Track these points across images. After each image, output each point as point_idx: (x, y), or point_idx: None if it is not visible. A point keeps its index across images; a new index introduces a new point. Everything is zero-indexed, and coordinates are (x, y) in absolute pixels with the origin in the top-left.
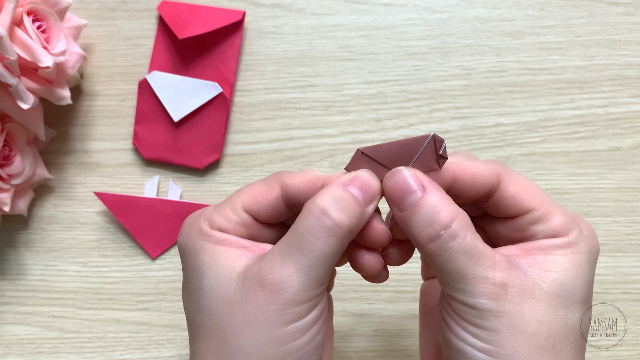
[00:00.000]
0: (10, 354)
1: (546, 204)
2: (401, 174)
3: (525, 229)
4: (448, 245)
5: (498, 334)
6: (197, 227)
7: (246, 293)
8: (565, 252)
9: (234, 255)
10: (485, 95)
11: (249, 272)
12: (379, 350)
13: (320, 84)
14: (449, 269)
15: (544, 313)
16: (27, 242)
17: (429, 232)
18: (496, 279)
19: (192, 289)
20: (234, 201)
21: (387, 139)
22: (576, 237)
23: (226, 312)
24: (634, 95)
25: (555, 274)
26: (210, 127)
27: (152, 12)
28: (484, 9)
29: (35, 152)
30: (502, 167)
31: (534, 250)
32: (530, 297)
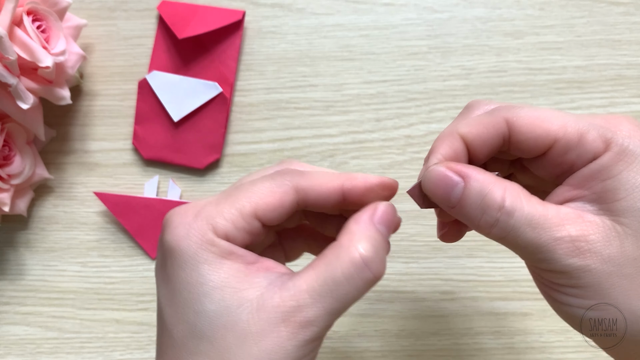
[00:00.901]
0: (10, 354)
1: (571, 125)
2: (437, 171)
3: (561, 162)
4: (510, 224)
5: (598, 286)
6: (198, 231)
7: (265, 326)
8: (620, 168)
9: (242, 273)
10: (486, 95)
11: (267, 303)
12: (379, 350)
13: (320, 84)
14: (522, 245)
15: (634, 248)
16: (26, 242)
17: (486, 219)
18: (571, 235)
19: (185, 306)
20: (243, 204)
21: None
22: (620, 144)
23: (235, 344)
24: (634, 95)
25: (623, 201)
26: (210, 127)
27: (152, 12)
28: (484, 8)
29: (35, 152)
30: (509, 110)
31: (588, 182)
32: (613, 238)
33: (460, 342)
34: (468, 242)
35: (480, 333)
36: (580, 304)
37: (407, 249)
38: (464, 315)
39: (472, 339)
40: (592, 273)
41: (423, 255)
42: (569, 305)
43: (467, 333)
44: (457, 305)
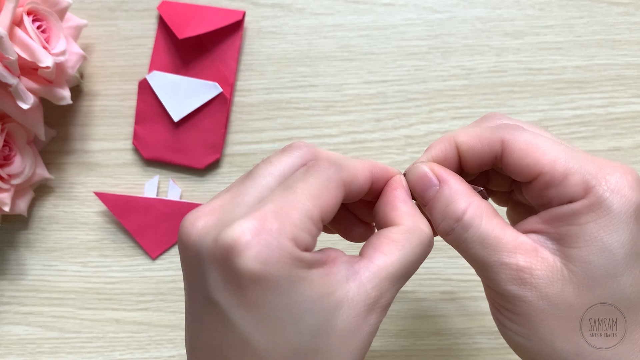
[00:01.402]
0: (11, 354)
1: (560, 163)
2: (420, 170)
3: (541, 194)
4: (463, 237)
5: (530, 317)
6: (283, 250)
7: (358, 321)
8: (589, 219)
9: (326, 278)
10: (486, 95)
11: (355, 299)
12: (379, 350)
13: (320, 84)
14: (471, 258)
15: (575, 296)
16: (27, 242)
17: (444, 225)
18: (518, 264)
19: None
20: (310, 209)
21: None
22: (598, 196)
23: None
24: (634, 95)
25: (579, 249)
26: (210, 127)
27: (152, 12)
28: (484, 9)
29: (35, 152)
30: (510, 132)
31: (556, 221)
32: (557, 279)
33: (460, 341)
34: None
35: (480, 333)
36: (515, 329)
37: None
38: (463, 315)
39: (472, 339)
40: (527, 304)
41: None
42: (505, 327)
43: (466, 333)
44: (457, 305)
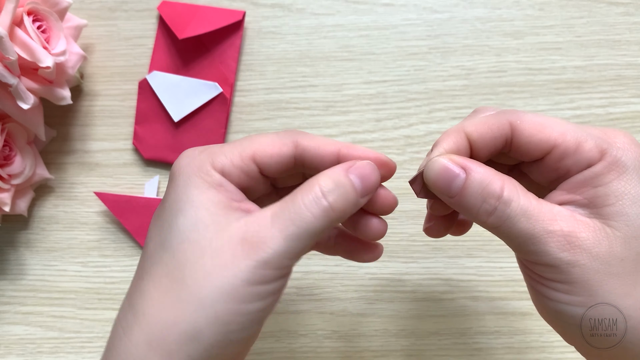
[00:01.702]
0: (11, 353)
1: (570, 134)
2: (439, 163)
3: (558, 167)
4: (506, 213)
5: (585, 283)
6: (198, 161)
7: (224, 244)
8: (611, 177)
9: (223, 204)
10: (485, 95)
11: (232, 226)
12: (378, 350)
13: (320, 84)
14: (515, 235)
15: (624, 249)
16: (27, 242)
17: (486, 207)
18: (563, 230)
19: (163, 222)
20: (244, 148)
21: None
22: (614, 155)
23: (193, 257)
24: (634, 95)
25: (612, 206)
26: (210, 127)
27: (152, 12)
28: (484, 9)
29: (36, 152)
30: (513, 114)
31: (581, 188)
32: (602, 238)
33: (459, 341)
34: (468, 242)
35: (480, 333)
36: (568, 300)
37: (406, 249)
38: (463, 315)
39: (472, 339)
40: (581, 269)
41: (423, 255)
42: (556, 302)
43: (466, 333)
44: (457, 305)
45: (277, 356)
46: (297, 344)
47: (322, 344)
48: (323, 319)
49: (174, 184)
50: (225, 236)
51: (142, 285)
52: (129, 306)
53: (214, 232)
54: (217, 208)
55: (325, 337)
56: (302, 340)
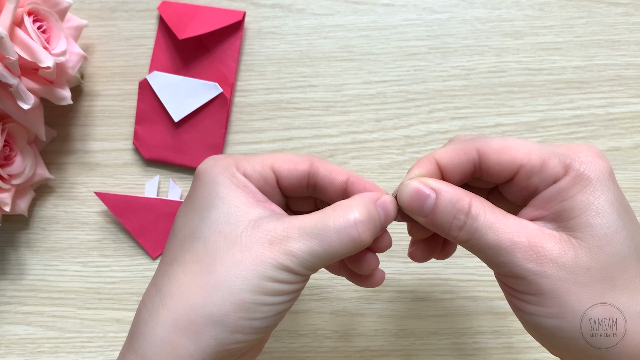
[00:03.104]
0: (11, 353)
1: (535, 153)
2: (411, 186)
3: (526, 185)
4: (474, 227)
5: (554, 293)
6: (223, 164)
7: (253, 241)
8: (575, 191)
9: (251, 202)
10: (485, 96)
11: (262, 225)
12: (379, 350)
13: (320, 84)
14: (485, 247)
15: (588, 259)
16: (27, 242)
17: (456, 223)
18: (529, 241)
19: (195, 214)
20: (265, 157)
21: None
22: (577, 170)
23: (224, 247)
24: (634, 95)
25: (577, 219)
26: (210, 127)
27: (152, 12)
28: (484, 9)
29: (36, 152)
30: (480, 140)
31: (548, 203)
32: (568, 249)
33: (459, 341)
34: None
35: (480, 332)
36: (540, 312)
37: (406, 249)
38: (463, 314)
39: (472, 339)
40: (548, 279)
41: None
42: (530, 314)
43: (466, 332)
44: (457, 304)
45: (277, 356)
46: (297, 344)
47: (322, 344)
48: (323, 319)
49: (201, 182)
50: (255, 234)
51: (171, 270)
52: (155, 290)
53: (244, 227)
54: (247, 206)
55: (325, 337)
56: (302, 340)
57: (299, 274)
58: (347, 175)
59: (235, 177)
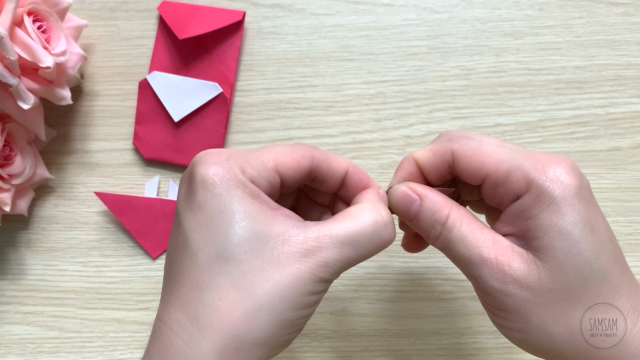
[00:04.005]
0: (11, 353)
1: (504, 163)
2: (400, 190)
3: (493, 194)
4: (448, 238)
5: (518, 311)
6: (230, 170)
7: (288, 258)
8: (540, 210)
9: (269, 213)
10: (485, 96)
11: (292, 238)
12: (379, 350)
13: (320, 84)
14: (457, 258)
15: (551, 281)
16: (27, 242)
17: (433, 232)
18: (497, 259)
19: (216, 231)
20: (267, 158)
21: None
22: (541, 186)
23: (259, 268)
24: (634, 95)
25: (540, 239)
26: (210, 127)
27: (152, 12)
28: (484, 9)
29: (36, 152)
30: (458, 141)
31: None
32: (533, 270)
33: (459, 341)
34: None
35: (480, 332)
36: (510, 325)
37: None
38: (463, 314)
39: (472, 338)
40: (512, 298)
41: (423, 255)
42: (502, 327)
43: (466, 332)
44: (457, 304)
45: (277, 356)
46: (297, 344)
47: (322, 343)
48: (323, 319)
49: (212, 193)
50: (287, 249)
51: (204, 297)
52: (189, 320)
53: (274, 243)
54: (267, 218)
55: (325, 337)
56: (302, 340)
57: (330, 282)
58: (346, 167)
59: (247, 187)
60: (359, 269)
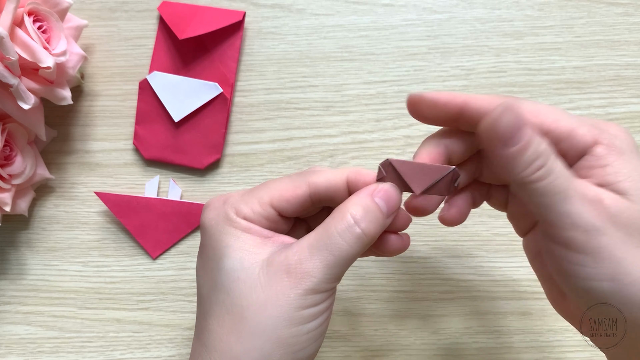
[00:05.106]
0: (11, 353)
1: (563, 121)
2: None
3: None
4: (552, 169)
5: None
6: (223, 212)
7: (271, 277)
8: (613, 158)
9: (258, 243)
10: None
11: (275, 259)
12: (379, 350)
13: (320, 84)
14: (554, 191)
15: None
16: (28, 242)
17: (540, 162)
18: (595, 195)
19: (211, 267)
20: (262, 195)
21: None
22: (607, 139)
23: (247, 292)
24: (633, 95)
25: (626, 182)
26: (210, 127)
27: (152, 12)
28: (484, 9)
29: (36, 152)
30: (512, 99)
31: (590, 169)
32: (625, 208)
33: (459, 341)
34: (468, 242)
35: (480, 332)
36: (594, 274)
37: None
38: (463, 314)
39: (472, 338)
40: (608, 237)
41: (423, 255)
42: (581, 279)
43: (466, 332)
44: (457, 304)
45: None
46: None
47: (322, 342)
48: None
49: (208, 234)
50: (270, 270)
51: (208, 325)
52: (202, 347)
53: (260, 267)
54: (256, 247)
55: (325, 337)
56: None
57: (325, 290)
58: (344, 177)
59: (238, 224)
60: (359, 269)
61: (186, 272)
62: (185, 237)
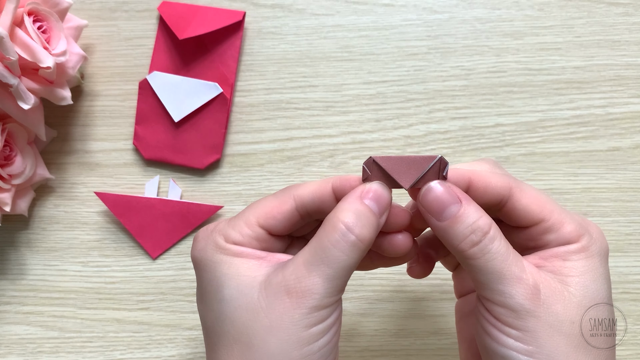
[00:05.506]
0: (11, 353)
1: (556, 213)
2: (439, 189)
3: (538, 238)
4: (488, 248)
5: (537, 334)
6: (212, 241)
7: (272, 300)
8: (580, 257)
9: (253, 265)
10: (485, 96)
11: (272, 280)
12: (379, 350)
13: (320, 84)
14: (489, 270)
15: (575, 313)
16: (27, 242)
17: (472, 238)
18: (530, 280)
19: (210, 299)
20: (248, 217)
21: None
22: (587, 241)
23: (250, 319)
24: (633, 95)
25: (577, 277)
26: (210, 128)
27: (152, 12)
28: (484, 9)
29: (36, 152)
30: (515, 181)
31: (551, 258)
32: (561, 299)
33: None
34: None
35: None
36: (516, 347)
37: None
38: None
39: None
40: (537, 320)
41: None
42: (504, 346)
43: None
44: None
45: None
46: None
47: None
48: None
49: (200, 266)
50: (270, 292)
51: (219, 357)
52: None
53: (258, 291)
54: (249, 271)
55: None
56: None
57: (329, 305)
58: (329, 187)
59: (229, 250)
60: None
61: (186, 272)
62: (185, 237)
